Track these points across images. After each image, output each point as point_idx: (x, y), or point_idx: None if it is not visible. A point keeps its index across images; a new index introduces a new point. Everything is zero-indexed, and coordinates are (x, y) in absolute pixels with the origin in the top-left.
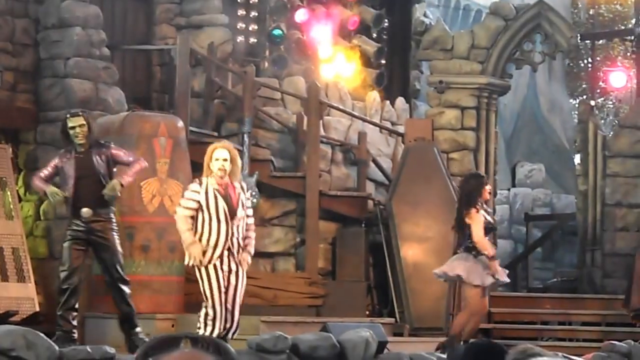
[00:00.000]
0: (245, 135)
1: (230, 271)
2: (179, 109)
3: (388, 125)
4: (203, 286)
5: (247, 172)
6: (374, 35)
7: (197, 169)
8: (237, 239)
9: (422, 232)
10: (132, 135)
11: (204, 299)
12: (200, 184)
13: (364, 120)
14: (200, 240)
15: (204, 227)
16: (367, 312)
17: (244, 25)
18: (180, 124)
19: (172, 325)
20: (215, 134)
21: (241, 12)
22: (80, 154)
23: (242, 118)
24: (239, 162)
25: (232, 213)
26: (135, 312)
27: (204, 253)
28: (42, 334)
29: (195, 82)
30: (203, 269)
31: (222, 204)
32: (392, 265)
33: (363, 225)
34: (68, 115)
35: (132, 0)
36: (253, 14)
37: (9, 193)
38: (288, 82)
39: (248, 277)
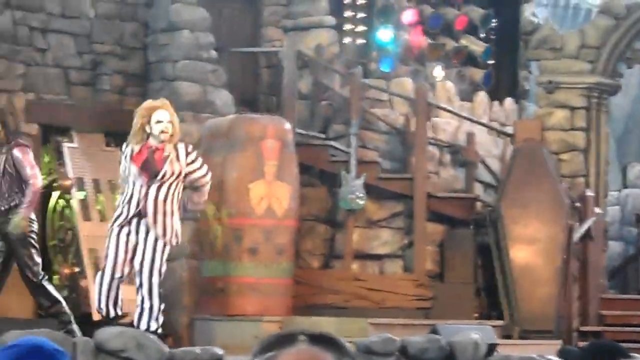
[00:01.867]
0: (353, 137)
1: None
2: (286, 111)
3: (496, 126)
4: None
5: (355, 174)
6: (482, 35)
7: (305, 171)
8: (155, 202)
9: (531, 234)
10: (239, 138)
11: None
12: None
13: (472, 121)
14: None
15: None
16: (476, 315)
17: (351, 27)
18: (288, 126)
19: (280, 328)
20: (323, 135)
21: (348, 13)
22: None
23: (349, 120)
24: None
25: (149, 175)
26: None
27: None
28: (152, 336)
29: (302, 84)
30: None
31: (134, 167)
32: (501, 267)
33: (471, 227)
34: None
35: (240, 3)
36: (360, 15)
37: (118, 196)
38: (395, 83)
39: (355, 280)
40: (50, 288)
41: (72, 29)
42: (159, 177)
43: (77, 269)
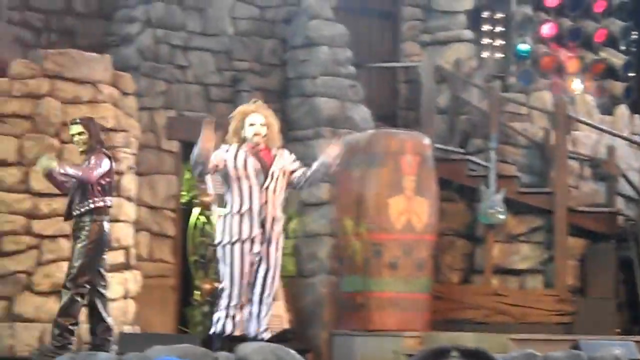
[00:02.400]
0: (492, 152)
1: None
2: (425, 125)
3: (638, 139)
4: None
5: (494, 188)
6: (622, 47)
7: (444, 186)
8: (273, 208)
9: None
10: (378, 153)
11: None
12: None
13: (613, 135)
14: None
15: (233, 192)
16: (617, 330)
17: (489, 41)
18: (427, 141)
19: (419, 343)
20: (462, 150)
21: (487, 27)
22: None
23: (488, 134)
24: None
25: (265, 175)
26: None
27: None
28: (292, 351)
29: (440, 98)
30: (228, 247)
31: (252, 163)
32: None
33: (613, 241)
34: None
35: (378, 18)
36: (499, 29)
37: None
38: (535, 96)
39: (495, 295)
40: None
41: (212, 46)
42: (271, 177)
43: (217, 285)
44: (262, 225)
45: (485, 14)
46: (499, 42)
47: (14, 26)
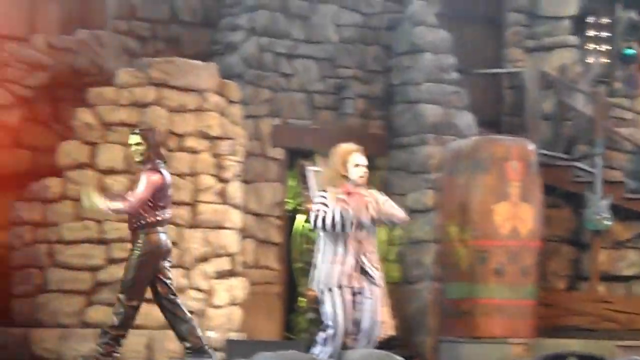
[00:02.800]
0: (598, 157)
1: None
2: (530, 131)
3: None
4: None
5: (600, 194)
6: None
7: (549, 192)
8: (367, 251)
9: None
10: (483, 160)
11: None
12: (326, 195)
13: None
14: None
15: (328, 243)
16: None
17: (594, 46)
18: (532, 147)
19: (525, 350)
20: (567, 156)
21: (591, 32)
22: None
23: (593, 140)
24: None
25: (357, 223)
26: None
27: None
28: (399, 358)
29: (545, 104)
30: (326, 293)
31: (347, 214)
32: None
33: None
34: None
35: (482, 24)
36: (604, 34)
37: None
38: None
39: (601, 302)
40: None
41: (316, 53)
42: (368, 222)
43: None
44: (361, 268)
45: (590, 19)
46: (604, 47)
47: (121, 35)
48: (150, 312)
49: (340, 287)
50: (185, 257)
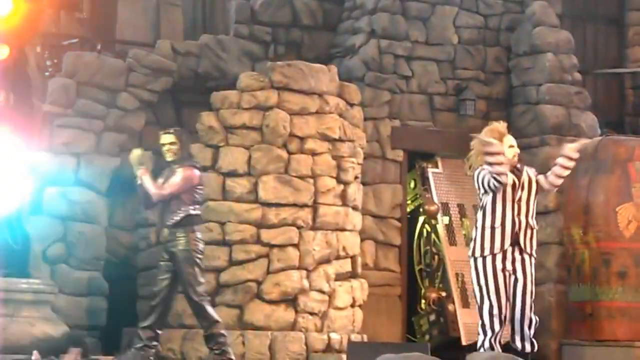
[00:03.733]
0: None
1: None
2: None
3: None
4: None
5: None
6: None
7: None
8: (527, 218)
9: None
10: (606, 161)
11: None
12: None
13: None
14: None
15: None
16: None
17: None
18: None
19: None
20: None
21: None
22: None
23: None
24: None
25: (516, 186)
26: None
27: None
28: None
29: None
30: (480, 260)
31: (511, 177)
32: None
33: None
34: (161, 132)
35: (604, 24)
36: None
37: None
38: None
39: None
40: (209, 309)
41: (436, 55)
42: (521, 188)
43: (444, 294)
44: (517, 238)
45: None
46: None
47: (243, 40)
48: (272, 314)
49: (493, 256)
50: (306, 259)
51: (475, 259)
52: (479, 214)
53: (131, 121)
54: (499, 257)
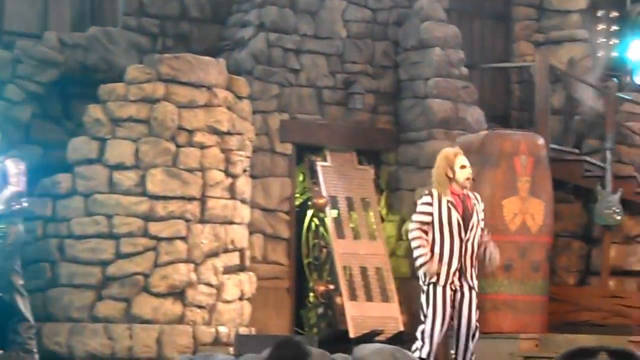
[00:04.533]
0: (608, 152)
1: (461, 294)
2: (539, 126)
3: None
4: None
5: (610, 189)
6: None
7: (558, 187)
8: (471, 256)
9: None
10: (492, 155)
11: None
12: (432, 196)
13: None
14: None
15: (434, 243)
16: None
17: (604, 40)
18: (541, 141)
19: (536, 346)
20: (577, 151)
21: (601, 26)
22: None
23: (603, 134)
24: None
25: (466, 227)
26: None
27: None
28: (409, 353)
29: (554, 98)
30: (431, 287)
31: (455, 216)
32: None
33: None
34: None
35: (490, 19)
36: (614, 27)
37: (371, 214)
38: None
39: (612, 297)
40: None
41: (324, 49)
42: (471, 227)
43: (332, 287)
44: (459, 272)
45: (599, 13)
46: (613, 41)
47: (131, 32)
48: (160, 307)
49: (442, 287)
50: (194, 252)
51: (427, 287)
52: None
53: (18, 113)
54: (448, 284)
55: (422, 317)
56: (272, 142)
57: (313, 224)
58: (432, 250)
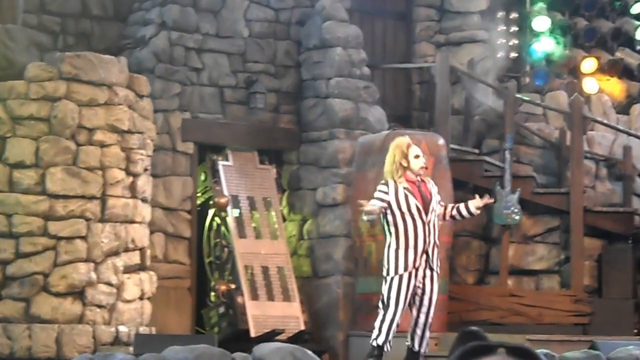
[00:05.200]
0: (507, 152)
1: (424, 277)
2: (440, 126)
3: None
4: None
5: (509, 189)
6: (638, 47)
7: (458, 187)
8: (434, 238)
9: None
10: None
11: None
12: (387, 184)
13: (629, 134)
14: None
15: (398, 230)
16: (635, 331)
17: (504, 41)
18: (441, 141)
19: (435, 344)
20: (476, 151)
21: (501, 27)
22: None
23: (503, 134)
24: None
25: (426, 210)
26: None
27: (397, 257)
28: (309, 352)
29: (455, 99)
30: (396, 278)
31: (414, 201)
32: None
33: (630, 241)
34: None
35: (392, 19)
36: (513, 28)
37: (273, 213)
38: (550, 96)
39: (511, 296)
40: None
41: (226, 48)
42: (432, 210)
43: (233, 286)
44: (426, 254)
45: (499, 14)
46: (513, 42)
47: (31, 29)
48: (59, 306)
49: (408, 274)
50: (94, 251)
51: (392, 278)
52: (392, 234)
53: None
54: (412, 274)
55: (380, 306)
56: (173, 141)
57: (214, 224)
58: (397, 237)
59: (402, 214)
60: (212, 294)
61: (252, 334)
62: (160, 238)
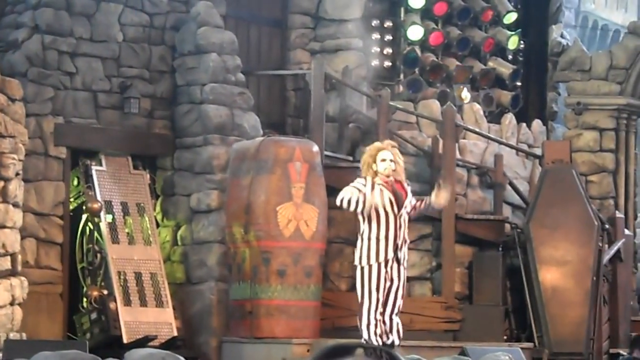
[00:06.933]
0: None
1: (392, 269)
2: (314, 133)
3: (525, 147)
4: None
5: None
6: (510, 57)
7: (332, 194)
8: (404, 232)
9: (560, 256)
10: (267, 161)
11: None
12: (365, 179)
13: (501, 143)
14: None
15: (371, 222)
16: (505, 337)
17: (378, 49)
18: (316, 148)
19: (308, 350)
20: (350, 158)
21: (375, 35)
22: None
23: (376, 141)
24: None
25: (399, 205)
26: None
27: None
28: (181, 358)
29: (329, 106)
30: (366, 268)
31: (387, 195)
32: (530, 290)
33: (500, 249)
34: None
35: (267, 26)
36: (387, 37)
37: (147, 219)
38: (423, 105)
39: None
40: None
41: (100, 52)
42: (404, 206)
43: (106, 292)
44: (396, 249)
45: (374, 23)
46: (387, 50)
47: None
48: None
49: (379, 264)
50: None
51: (362, 268)
52: (365, 225)
53: None
54: (382, 265)
55: (359, 299)
56: (46, 145)
57: (87, 229)
58: (369, 227)
59: (376, 207)
60: (85, 299)
61: (125, 340)
62: (31, 243)
